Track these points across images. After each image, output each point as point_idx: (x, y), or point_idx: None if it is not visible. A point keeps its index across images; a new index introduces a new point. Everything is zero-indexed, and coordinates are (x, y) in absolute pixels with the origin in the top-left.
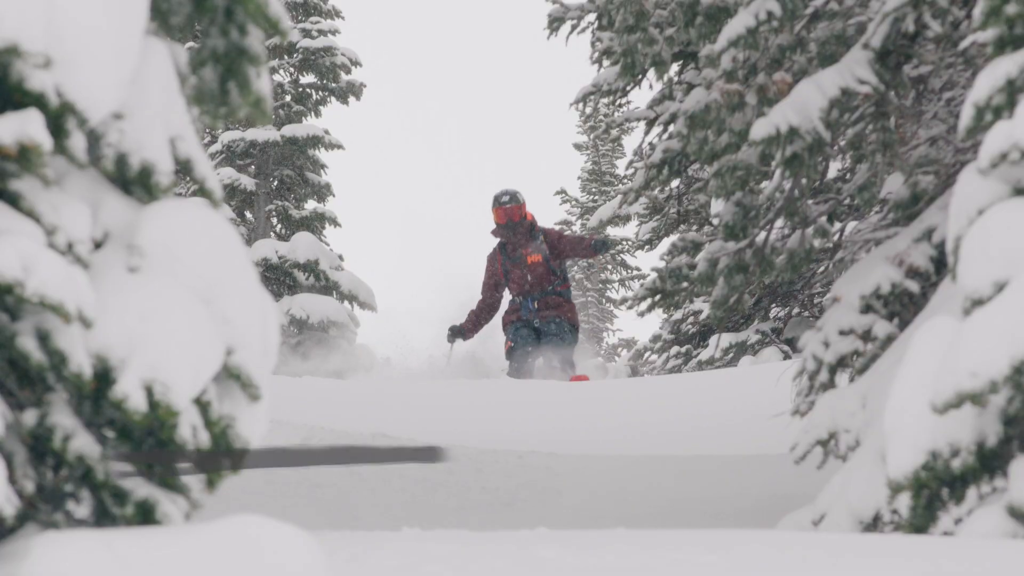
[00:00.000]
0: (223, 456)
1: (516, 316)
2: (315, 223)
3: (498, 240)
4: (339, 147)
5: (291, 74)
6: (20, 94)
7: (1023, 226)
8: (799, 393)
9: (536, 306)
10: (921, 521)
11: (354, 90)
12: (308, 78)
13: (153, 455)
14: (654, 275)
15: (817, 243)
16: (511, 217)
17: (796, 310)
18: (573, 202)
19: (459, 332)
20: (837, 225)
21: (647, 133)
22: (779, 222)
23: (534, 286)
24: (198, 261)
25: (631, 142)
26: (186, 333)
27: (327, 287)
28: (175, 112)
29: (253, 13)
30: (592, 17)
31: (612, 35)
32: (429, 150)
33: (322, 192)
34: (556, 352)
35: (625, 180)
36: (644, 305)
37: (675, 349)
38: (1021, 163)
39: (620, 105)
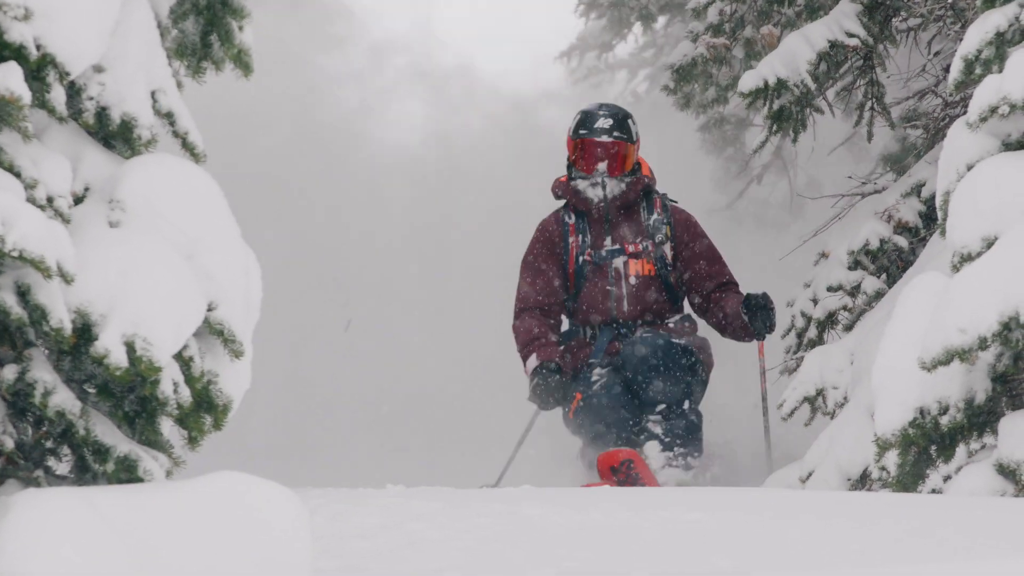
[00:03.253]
0: (205, 412)
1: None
2: None
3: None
4: None
5: None
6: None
7: (1012, 181)
8: (787, 350)
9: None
10: (909, 478)
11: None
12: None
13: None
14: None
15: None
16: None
17: None
18: None
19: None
20: None
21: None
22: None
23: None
24: (180, 216)
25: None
26: (167, 288)
27: None
28: (157, 65)
29: None
30: None
31: None
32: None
33: None
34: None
35: None
36: None
37: None
38: (1010, 117)
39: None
